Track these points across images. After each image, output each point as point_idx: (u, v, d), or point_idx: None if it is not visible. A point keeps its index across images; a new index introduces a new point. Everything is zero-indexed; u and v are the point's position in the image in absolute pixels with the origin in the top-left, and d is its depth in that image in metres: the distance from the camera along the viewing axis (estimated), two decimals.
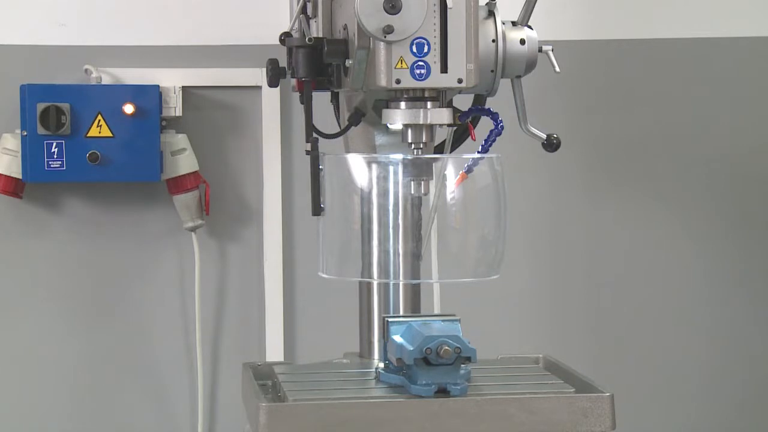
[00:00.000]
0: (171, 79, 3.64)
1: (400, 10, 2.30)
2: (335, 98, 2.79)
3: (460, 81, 2.39)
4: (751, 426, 3.92)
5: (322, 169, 2.51)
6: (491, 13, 2.52)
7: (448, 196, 2.51)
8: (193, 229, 3.68)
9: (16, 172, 3.54)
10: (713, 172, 3.88)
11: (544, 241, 3.86)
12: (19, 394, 3.72)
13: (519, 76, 2.58)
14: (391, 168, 2.52)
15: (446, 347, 2.31)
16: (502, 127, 2.55)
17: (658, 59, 3.85)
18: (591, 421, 2.34)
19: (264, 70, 2.65)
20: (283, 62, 2.62)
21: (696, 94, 3.87)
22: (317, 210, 2.52)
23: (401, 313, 2.63)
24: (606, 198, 3.88)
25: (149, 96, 3.56)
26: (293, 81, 2.59)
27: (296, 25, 2.70)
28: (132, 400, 3.76)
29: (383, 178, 2.53)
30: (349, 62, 2.42)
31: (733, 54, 3.85)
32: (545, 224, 3.85)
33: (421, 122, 2.46)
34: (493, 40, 2.52)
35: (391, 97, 2.46)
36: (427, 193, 2.52)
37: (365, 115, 2.56)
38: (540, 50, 2.56)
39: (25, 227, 3.68)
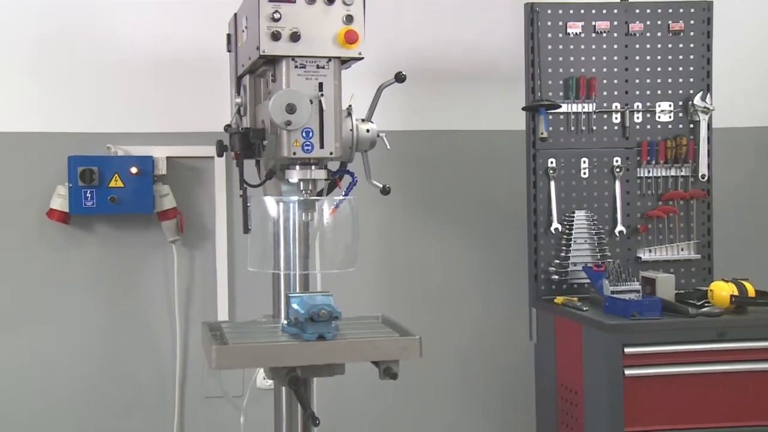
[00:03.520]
0: (160, 152, 3.61)
1: (295, 112, 2.31)
2: (258, 163, 2.77)
3: (331, 153, 2.41)
4: (502, 358, 3.96)
5: (249, 206, 2.49)
6: (349, 113, 2.53)
7: (325, 221, 2.52)
8: (173, 242, 3.64)
9: (65, 207, 3.50)
10: (480, 210, 3.92)
11: (382, 247, 3.86)
12: (60, 350, 3.65)
13: (366, 151, 2.59)
14: (291, 205, 2.53)
15: (323, 311, 2.32)
16: (357, 181, 2.57)
17: (447, 141, 3.89)
18: (408, 353, 2.36)
19: (215, 146, 2.64)
20: (226, 142, 2.61)
21: (470, 161, 3.91)
22: (246, 230, 2.50)
23: (297, 291, 2.62)
24: (418, 222, 3.90)
25: (146, 162, 3.54)
26: (233, 153, 2.58)
27: (234, 120, 2.69)
28: (135, 348, 3.70)
29: (286, 211, 2.53)
30: (265, 142, 2.42)
31: (490, 140, 3.90)
32: (383, 238, 3.86)
33: (309, 178, 2.47)
34: (351, 130, 2.53)
35: (290, 163, 2.46)
36: (312, 219, 2.52)
37: (276, 173, 2.55)
38: (378, 135, 2.58)
39: (70, 241, 3.62)
